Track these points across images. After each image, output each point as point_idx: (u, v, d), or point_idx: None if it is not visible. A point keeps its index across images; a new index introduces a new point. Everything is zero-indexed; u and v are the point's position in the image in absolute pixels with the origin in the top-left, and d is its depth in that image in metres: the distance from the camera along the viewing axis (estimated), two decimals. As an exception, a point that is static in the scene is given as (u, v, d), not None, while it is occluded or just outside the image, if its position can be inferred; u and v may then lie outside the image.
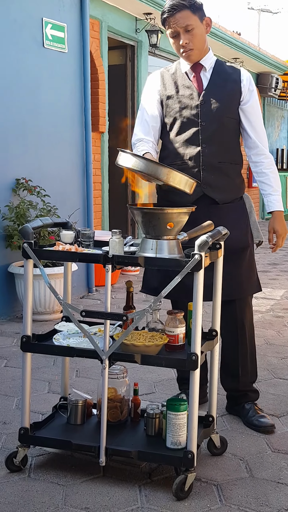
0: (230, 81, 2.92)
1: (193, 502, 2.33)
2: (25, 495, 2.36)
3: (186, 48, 2.84)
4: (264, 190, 3.03)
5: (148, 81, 3.04)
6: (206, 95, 2.89)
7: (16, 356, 4.04)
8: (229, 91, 2.91)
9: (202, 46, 2.87)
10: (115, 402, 2.62)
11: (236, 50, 10.64)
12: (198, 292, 2.29)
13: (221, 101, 2.88)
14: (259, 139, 3.00)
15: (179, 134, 2.92)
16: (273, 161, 3.05)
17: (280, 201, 3.02)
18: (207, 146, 2.88)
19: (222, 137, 2.92)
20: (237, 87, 2.92)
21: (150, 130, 2.96)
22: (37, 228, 2.52)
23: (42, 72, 5.51)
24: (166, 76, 2.97)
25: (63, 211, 5.44)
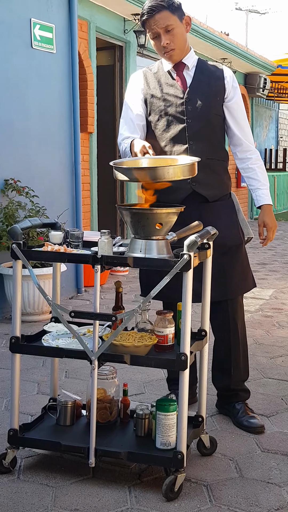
0: (214, 78, 2.93)
1: (183, 503, 2.32)
2: (14, 497, 2.35)
3: (168, 49, 2.83)
4: (252, 185, 3.04)
5: (131, 80, 3.03)
6: (191, 92, 2.89)
7: (5, 357, 4.02)
8: (213, 88, 2.91)
9: (184, 45, 2.87)
10: (105, 403, 2.62)
11: (224, 50, 10.66)
12: (187, 292, 2.29)
13: (206, 98, 2.89)
14: (244, 136, 3.00)
15: (165, 132, 2.91)
16: (259, 157, 3.06)
17: (268, 195, 3.03)
18: (194, 143, 2.88)
19: (208, 134, 2.92)
20: (221, 84, 2.93)
21: (136, 128, 2.94)
22: (26, 228, 2.51)
23: (30, 72, 5.49)
24: (149, 75, 2.97)
25: (52, 212, 5.42)
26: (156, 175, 2.39)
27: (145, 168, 2.49)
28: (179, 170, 2.43)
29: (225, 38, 10.65)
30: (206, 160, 2.88)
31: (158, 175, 2.39)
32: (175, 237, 2.46)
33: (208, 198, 2.91)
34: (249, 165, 3.03)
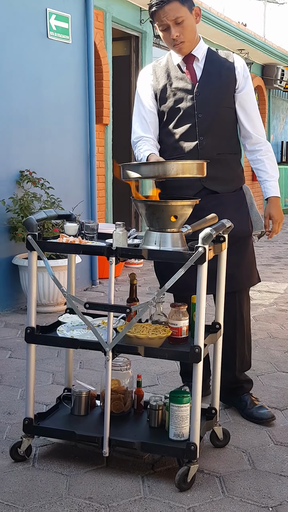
0: (224, 69, 2.88)
1: (196, 493, 2.34)
2: (29, 485, 2.38)
3: (177, 41, 2.80)
4: (260, 177, 3.01)
5: (140, 76, 3.00)
6: (201, 86, 2.85)
7: (21, 348, 4.06)
8: (224, 79, 2.87)
9: (193, 37, 2.83)
10: (119, 394, 2.64)
11: (242, 41, 10.60)
12: (202, 285, 2.29)
13: (217, 91, 2.85)
14: (254, 128, 2.96)
15: (175, 128, 2.88)
16: (270, 148, 3.02)
17: (276, 187, 2.99)
18: (205, 139, 2.85)
19: (220, 129, 2.89)
20: (231, 74, 2.88)
21: (149, 126, 2.93)
22: (41, 220, 2.53)
23: (45, 63, 5.50)
24: (158, 70, 2.94)
25: (66, 204, 5.45)
26: (165, 170, 2.38)
27: (154, 163, 2.46)
28: (187, 167, 2.42)
29: (242, 29, 10.58)
30: (217, 156, 2.86)
31: (165, 170, 2.38)
32: (190, 229, 2.46)
33: (220, 192, 2.89)
34: (258, 156, 2.99)
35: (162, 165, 2.42)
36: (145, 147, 2.88)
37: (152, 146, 2.89)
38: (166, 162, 2.44)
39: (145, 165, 2.44)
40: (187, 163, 2.45)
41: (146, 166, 2.44)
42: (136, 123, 2.97)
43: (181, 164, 2.42)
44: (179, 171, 2.40)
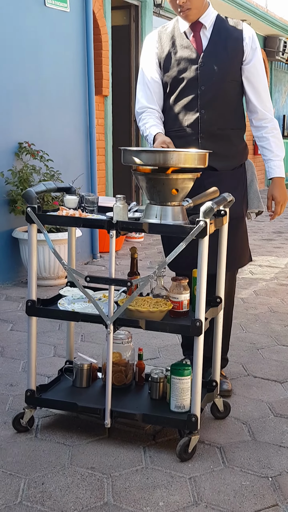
0: (232, 39, 2.78)
1: (197, 464, 2.38)
2: (32, 455, 2.41)
3: (184, 7, 2.71)
4: (264, 155, 2.93)
5: (145, 43, 2.92)
6: (206, 56, 2.76)
7: (22, 320, 4.08)
8: (230, 51, 2.77)
9: (201, 4, 2.74)
10: (120, 366, 2.66)
11: (243, 11, 10.46)
12: (203, 259, 2.29)
13: (223, 63, 2.76)
14: (260, 102, 2.87)
15: (177, 99, 2.82)
16: (276, 125, 2.94)
17: (280, 166, 2.92)
18: (206, 112, 2.78)
19: (222, 102, 2.81)
20: (239, 46, 2.78)
21: (153, 96, 2.87)
22: (41, 192, 2.52)
23: (43, 32, 5.42)
24: (164, 37, 2.85)
25: (66, 176, 5.42)
26: (165, 159, 2.33)
27: (154, 151, 2.41)
28: (188, 157, 2.37)
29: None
30: (218, 131, 2.80)
31: (166, 159, 2.33)
32: (191, 203, 2.45)
33: (219, 170, 2.82)
34: (263, 134, 2.91)
35: (163, 154, 2.36)
36: (151, 121, 2.83)
37: (157, 120, 2.84)
38: (167, 152, 2.38)
39: (146, 153, 2.39)
40: (189, 154, 2.39)
41: (147, 154, 2.39)
42: (140, 92, 2.91)
43: (183, 154, 2.37)
44: (180, 161, 2.36)
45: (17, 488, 2.19)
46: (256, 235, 7.71)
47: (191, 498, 2.15)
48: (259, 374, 3.26)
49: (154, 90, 2.87)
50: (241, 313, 4.33)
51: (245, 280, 5.31)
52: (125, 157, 2.44)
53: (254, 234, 7.78)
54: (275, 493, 2.19)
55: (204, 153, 2.43)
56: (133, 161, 2.39)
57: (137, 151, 2.40)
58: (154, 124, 2.82)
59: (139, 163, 2.38)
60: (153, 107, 2.87)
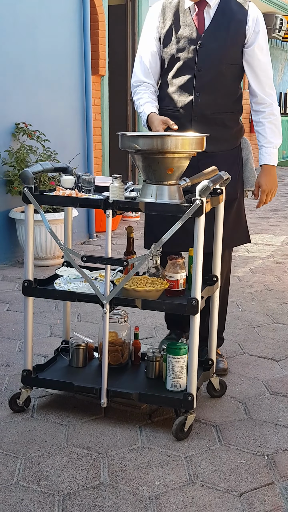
0: (235, 21, 2.71)
1: (193, 442, 2.39)
2: (28, 435, 2.42)
3: None
4: (258, 141, 2.86)
5: (148, 14, 2.85)
6: (206, 37, 2.70)
7: (18, 301, 4.08)
8: (232, 33, 2.71)
9: None
10: (116, 346, 2.66)
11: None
12: (199, 238, 2.28)
13: (222, 46, 2.70)
14: (260, 87, 2.80)
15: (174, 78, 2.78)
16: (276, 112, 2.84)
17: (272, 154, 2.83)
18: (201, 96, 2.73)
19: (218, 86, 2.75)
20: (241, 29, 2.71)
21: (149, 71, 2.83)
22: (37, 172, 2.50)
23: (39, 12, 5.36)
24: (168, 10, 2.78)
25: (63, 156, 5.39)
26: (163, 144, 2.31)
27: (152, 136, 2.37)
28: (186, 142, 2.34)
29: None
30: (212, 115, 2.76)
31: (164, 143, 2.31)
32: (188, 182, 2.44)
33: (213, 152, 2.77)
34: (260, 118, 2.84)
35: (161, 139, 2.32)
36: (145, 96, 2.80)
37: (152, 96, 2.81)
38: (164, 136, 2.34)
39: (144, 138, 2.36)
40: (186, 138, 2.36)
41: (144, 139, 2.35)
42: (137, 64, 2.87)
43: (180, 139, 2.35)
44: (177, 145, 2.33)
45: (13, 468, 2.20)
46: (252, 213, 7.70)
47: (187, 477, 2.16)
48: (255, 352, 3.27)
49: (151, 64, 2.84)
50: (237, 291, 4.33)
51: (241, 259, 5.31)
52: (122, 142, 2.42)
53: (250, 212, 7.76)
54: (271, 471, 2.21)
55: (202, 137, 2.40)
56: (131, 146, 2.37)
57: (135, 136, 2.38)
58: (148, 101, 2.79)
59: (136, 148, 2.35)
60: (148, 81, 2.84)
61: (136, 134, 2.40)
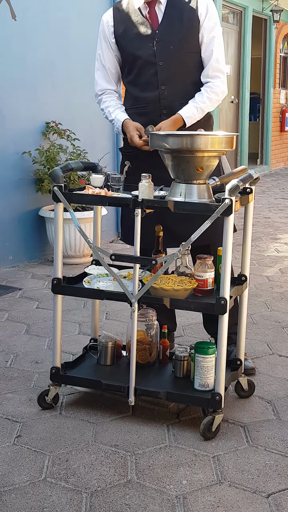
0: (187, 11, 2.72)
1: (220, 442, 2.38)
2: (56, 432, 2.43)
3: None
4: None
5: (102, 21, 2.86)
6: (162, 31, 2.72)
7: (47, 298, 4.11)
8: (186, 22, 2.72)
9: None
10: (144, 344, 2.66)
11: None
12: (228, 237, 2.28)
13: (179, 36, 2.71)
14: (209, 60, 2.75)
15: (137, 77, 2.78)
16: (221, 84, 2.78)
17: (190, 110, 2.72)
18: (166, 88, 2.74)
19: (183, 76, 2.76)
20: (194, 15, 2.72)
21: (110, 77, 2.87)
22: (67, 171, 2.52)
23: (71, 11, 5.39)
24: (118, 13, 2.81)
25: (92, 155, 5.41)
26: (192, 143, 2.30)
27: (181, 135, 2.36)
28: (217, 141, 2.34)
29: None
30: (179, 106, 2.75)
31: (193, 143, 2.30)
32: (217, 182, 2.43)
33: None
34: (201, 88, 2.78)
35: (190, 138, 2.32)
36: (112, 103, 2.85)
37: (118, 102, 2.86)
38: (194, 135, 2.33)
39: (173, 137, 2.36)
40: (216, 137, 2.35)
41: (174, 138, 2.35)
42: (97, 72, 2.90)
43: (210, 138, 2.34)
44: (207, 144, 2.31)
45: (41, 465, 2.22)
46: (282, 213, 7.64)
47: (215, 477, 2.16)
48: (284, 352, 3.25)
49: (111, 71, 2.87)
50: (266, 292, 4.30)
51: (270, 258, 5.27)
52: (152, 141, 2.43)
53: (280, 212, 7.71)
54: (299, 472, 2.19)
55: (232, 136, 2.40)
56: (160, 145, 2.37)
57: (165, 135, 2.38)
58: (117, 107, 2.83)
59: (166, 147, 2.36)
60: (111, 88, 2.87)
61: (166, 133, 2.41)
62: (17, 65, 4.91)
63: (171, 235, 2.66)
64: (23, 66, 4.96)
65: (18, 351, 3.23)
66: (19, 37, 4.89)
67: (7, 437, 2.40)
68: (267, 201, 8.49)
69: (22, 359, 3.13)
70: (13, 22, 4.81)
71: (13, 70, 4.87)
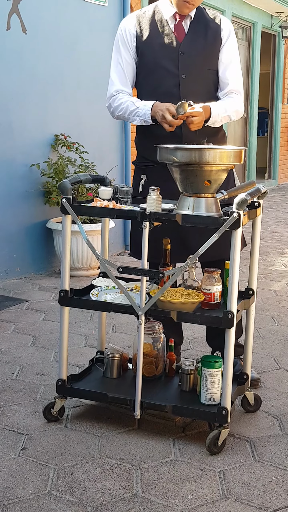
0: (211, 28, 2.79)
1: (226, 457, 2.36)
2: (61, 445, 2.43)
3: (190, 3, 2.70)
4: None
5: (122, 25, 2.86)
6: (186, 45, 2.75)
7: (54, 310, 4.11)
8: (210, 40, 2.78)
9: None
10: (151, 358, 2.66)
11: (280, 3, 10.31)
12: (236, 251, 2.27)
13: (202, 52, 2.76)
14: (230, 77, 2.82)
15: (157, 87, 2.78)
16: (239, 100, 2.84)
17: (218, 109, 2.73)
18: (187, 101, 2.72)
19: (203, 91, 2.79)
20: (217, 35, 2.79)
21: (127, 80, 2.85)
22: (76, 183, 2.53)
23: (81, 26, 5.44)
24: (143, 21, 2.82)
25: (101, 168, 5.43)
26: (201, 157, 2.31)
27: (189, 149, 2.37)
28: (225, 155, 2.35)
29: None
30: None
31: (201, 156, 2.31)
32: (225, 195, 2.43)
33: None
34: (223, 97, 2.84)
35: (199, 151, 2.33)
36: (130, 98, 2.81)
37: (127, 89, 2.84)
38: (202, 149, 2.34)
39: (181, 150, 2.36)
40: (224, 151, 2.36)
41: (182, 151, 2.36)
42: (114, 73, 2.87)
43: (218, 152, 2.35)
44: (216, 158, 2.32)
45: (46, 478, 2.21)
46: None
47: (220, 492, 2.14)
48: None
49: (128, 75, 2.85)
50: (273, 306, 4.29)
51: (277, 273, 5.25)
52: (160, 154, 2.44)
53: (287, 226, 7.71)
54: (305, 489, 2.17)
55: (240, 150, 2.40)
56: (169, 158, 2.38)
57: (173, 149, 2.39)
58: (138, 100, 2.79)
59: (175, 161, 2.36)
60: (127, 90, 2.86)
61: (174, 147, 2.41)
62: (27, 78, 4.94)
63: (186, 250, 2.64)
64: (33, 78, 4.99)
65: (24, 363, 3.23)
66: (29, 50, 4.93)
67: (12, 449, 2.39)
68: (274, 216, 8.48)
69: (28, 371, 3.13)
70: (24, 36, 4.85)
71: (23, 83, 4.91)
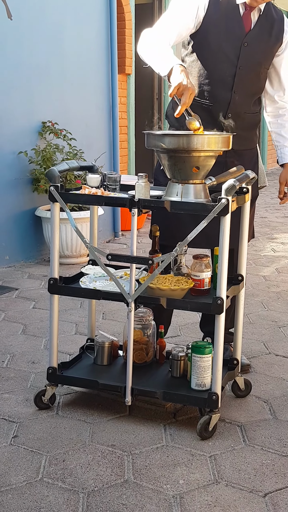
0: (275, 29, 2.74)
1: (217, 442, 2.38)
2: (53, 432, 2.43)
3: None
4: (277, 141, 2.94)
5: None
6: (251, 37, 2.69)
7: (44, 298, 4.10)
8: (273, 39, 2.73)
9: None
10: (141, 344, 2.66)
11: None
12: (224, 237, 2.28)
13: (263, 49, 2.72)
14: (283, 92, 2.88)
15: (212, 72, 2.70)
16: None
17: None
18: (238, 93, 2.72)
19: (254, 87, 2.78)
20: (280, 36, 2.75)
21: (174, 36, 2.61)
22: (64, 171, 2.52)
23: (66, 12, 5.39)
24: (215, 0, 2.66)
25: (89, 155, 5.41)
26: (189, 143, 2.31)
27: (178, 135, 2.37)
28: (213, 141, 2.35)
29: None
30: (244, 114, 2.77)
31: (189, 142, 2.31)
32: (214, 181, 2.43)
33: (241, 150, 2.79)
34: (279, 121, 2.92)
35: (186, 137, 2.33)
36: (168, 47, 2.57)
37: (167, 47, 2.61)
38: (190, 135, 2.34)
39: (169, 137, 2.36)
40: (212, 137, 2.36)
41: (170, 138, 2.35)
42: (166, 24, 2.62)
43: (206, 138, 2.34)
44: (204, 144, 2.32)
45: (38, 465, 2.21)
46: (278, 212, 7.65)
47: (212, 476, 2.16)
48: (280, 352, 3.25)
49: (179, 34, 2.64)
50: (262, 291, 4.30)
51: (267, 258, 5.27)
52: (148, 141, 2.43)
53: (276, 212, 7.71)
54: (296, 472, 2.19)
55: (228, 136, 2.40)
56: (157, 145, 2.38)
57: (161, 135, 2.38)
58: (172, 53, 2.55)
59: (162, 147, 2.36)
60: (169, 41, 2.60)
61: (162, 133, 2.41)
62: (12, 65, 4.90)
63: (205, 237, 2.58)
64: (18, 65, 4.95)
65: (15, 351, 3.23)
66: (14, 37, 4.88)
67: (4, 437, 2.40)
68: (263, 201, 8.49)
69: (19, 359, 3.13)
70: (8, 22, 4.80)
71: (8, 70, 4.86)
